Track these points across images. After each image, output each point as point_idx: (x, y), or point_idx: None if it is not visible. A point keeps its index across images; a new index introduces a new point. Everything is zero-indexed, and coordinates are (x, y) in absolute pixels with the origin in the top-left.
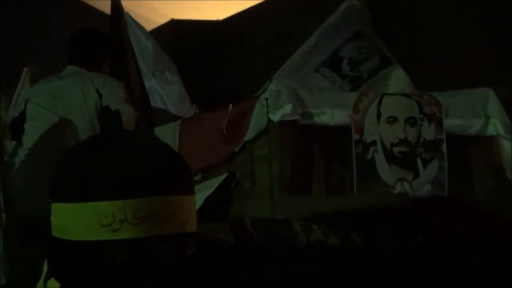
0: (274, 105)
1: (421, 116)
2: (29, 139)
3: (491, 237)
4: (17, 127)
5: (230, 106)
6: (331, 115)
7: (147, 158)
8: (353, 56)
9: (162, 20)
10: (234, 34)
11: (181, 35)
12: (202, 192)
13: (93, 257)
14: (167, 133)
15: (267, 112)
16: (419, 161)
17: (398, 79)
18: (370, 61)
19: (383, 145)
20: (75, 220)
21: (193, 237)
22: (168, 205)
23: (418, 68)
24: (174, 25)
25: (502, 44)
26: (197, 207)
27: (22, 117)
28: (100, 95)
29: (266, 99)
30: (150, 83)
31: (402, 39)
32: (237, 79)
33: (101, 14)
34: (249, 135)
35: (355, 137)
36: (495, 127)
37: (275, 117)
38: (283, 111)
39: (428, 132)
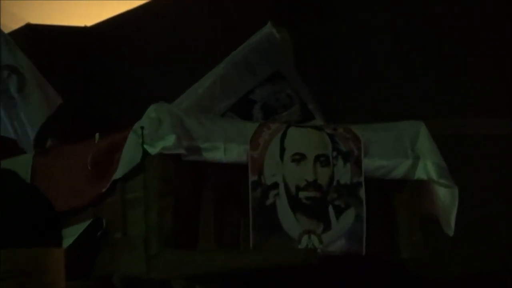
0: (153, 135)
1: (335, 153)
2: None
3: None
4: None
5: (97, 136)
6: (224, 151)
7: (6, 201)
8: (268, 101)
9: (18, 25)
10: (107, 43)
11: (38, 43)
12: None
13: None
14: (16, 168)
15: (143, 143)
16: (331, 210)
17: None
18: (288, 111)
19: (287, 188)
20: None
21: None
22: (33, 259)
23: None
24: (31, 30)
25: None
26: None
27: None
28: None
29: (142, 127)
30: None
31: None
32: (113, 101)
33: None
34: (119, 172)
35: (253, 178)
36: (426, 169)
37: (154, 150)
38: (164, 143)
39: (343, 174)
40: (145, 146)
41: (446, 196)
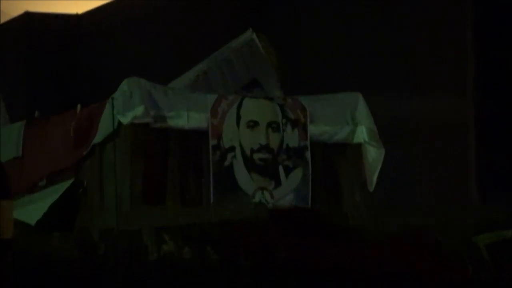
0: (125, 106)
1: (284, 121)
2: None
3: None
4: None
5: (79, 107)
6: (187, 118)
7: None
8: None
9: (16, 12)
10: (96, 30)
11: (36, 30)
12: (46, 199)
13: None
14: (10, 134)
15: (115, 113)
16: (281, 169)
17: None
18: None
19: (242, 151)
20: None
21: (8, 244)
22: None
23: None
24: (28, 18)
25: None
26: (41, 215)
27: None
28: None
29: (112, 98)
30: None
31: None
32: (99, 81)
33: None
34: (98, 137)
35: (213, 142)
36: (362, 134)
37: (125, 119)
38: (134, 113)
39: (292, 138)
40: (118, 116)
41: (374, 157)
